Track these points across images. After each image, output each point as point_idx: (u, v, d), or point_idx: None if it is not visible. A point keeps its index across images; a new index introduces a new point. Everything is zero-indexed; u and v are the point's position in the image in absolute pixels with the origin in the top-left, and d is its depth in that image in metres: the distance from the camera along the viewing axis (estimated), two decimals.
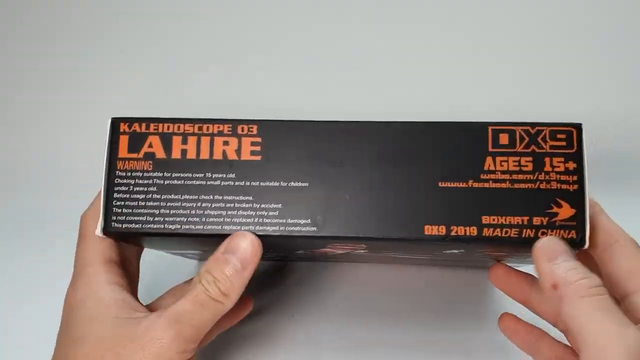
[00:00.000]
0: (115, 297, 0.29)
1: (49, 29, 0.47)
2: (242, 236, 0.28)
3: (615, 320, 0.25)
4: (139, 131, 0.29)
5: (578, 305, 0.25)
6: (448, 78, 0.44)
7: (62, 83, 0.47)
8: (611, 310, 0.25)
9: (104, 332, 0.28)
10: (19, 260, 0.43)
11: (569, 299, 0.26)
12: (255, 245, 0.28)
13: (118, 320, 0.28)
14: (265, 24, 0.45)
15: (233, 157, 0.29)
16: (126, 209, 0.29)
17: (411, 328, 0.38)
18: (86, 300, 0.29)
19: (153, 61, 0.46)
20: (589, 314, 0.25)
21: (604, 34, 0.44)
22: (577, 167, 0.28)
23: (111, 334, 0.28)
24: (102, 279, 0.30)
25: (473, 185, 0.28)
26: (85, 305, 0.29)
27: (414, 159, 0.29)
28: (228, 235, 0.28)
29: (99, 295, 0.29)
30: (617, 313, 0.25)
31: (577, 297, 0.25)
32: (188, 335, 0.28)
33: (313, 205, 0.29)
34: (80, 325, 0.29)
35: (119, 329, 0.28)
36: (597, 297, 0.25)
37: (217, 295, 0.28)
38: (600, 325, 0.25)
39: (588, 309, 0.25)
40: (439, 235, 0.28)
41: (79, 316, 0.29)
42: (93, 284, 0.30)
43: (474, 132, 0.29)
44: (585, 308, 0.25)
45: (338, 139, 0.29)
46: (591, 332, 0.25)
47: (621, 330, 0.24)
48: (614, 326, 0.24)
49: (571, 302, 0.25)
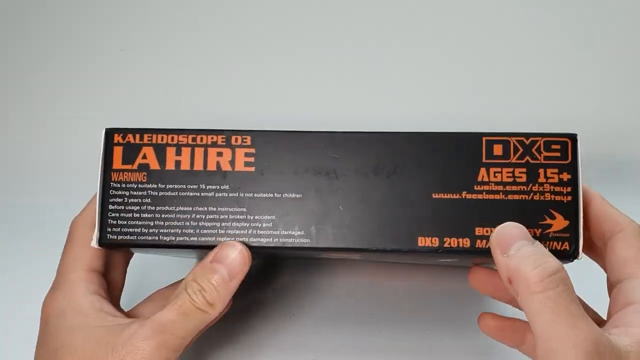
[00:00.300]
0: (95, 306, 0.29)
1: (50, 36, 0.47)
2: (232, 246, 0.28)
3: (566, 319, 0.23)
4: (133, 142, 0.29)
5: (530, 302, 0.24)
6: (442, 88, 0.44)
7: (61, 87, 0.47)
8: (563, 307, 0.23)
9: (84, 343, 0.28)
10: (19, 260, 0.44)
11: (521, 295, 0.24)
12: (245, 255, 0.28)
13: (98, 331, 0.28)
14: (260, 35, 0.45)
15: (227, 168, 0.29)
16: (121, 221, 0.29)
17: (411, 326, 0.39)
18: (66, 310, 0.29)
19: (149, 68, 0.46)
20: (540, 312, 0.23)
21: (598, 41, 0.44)
22: (571, 179, 0.28)
23: (91, 345, 0.28)
24: (82, 288, 0.30)
25: (467, 196, 0.28)
26: (65, 315, 0.29)
27: (408, 170, 0.29)
28: None
29: (79, 304, 0.29)
30: (570, 309, 0.23)
31: (528, 294, 0.24)
32: (171, 345, 0.28)
33: (307, 216, 0.29)
34: (60, 336, 0.28)
35: (99, 340, 0.28)
36: (548, 292, 0.23)
37: (202, 305, 0.28)
38: (550, 325, 0.23)
39: (539, 307, 0.23)
40: (432, 247, 0.28)
41: (58, 326, 0.29)
42: (73, 293, 0.29)
43: (467, 142, 0.29)
44: (536, 305, 0.23)
45: (332, 150, 0.29)
46: (543, 332, 0.23)
47: (572, 331, 0.23)
48: (563, 327, 0.23)
49: (523, 299, 0.24)
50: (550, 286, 0.24)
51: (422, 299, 0.40)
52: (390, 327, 0.39)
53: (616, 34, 0.44)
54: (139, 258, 0.35)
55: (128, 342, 0.27)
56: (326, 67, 0.45)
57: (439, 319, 0.39)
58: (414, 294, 0.40)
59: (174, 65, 0.46)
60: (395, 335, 0.38)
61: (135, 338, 0.27)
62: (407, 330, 0.39)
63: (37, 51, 0.47)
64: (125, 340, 0.27)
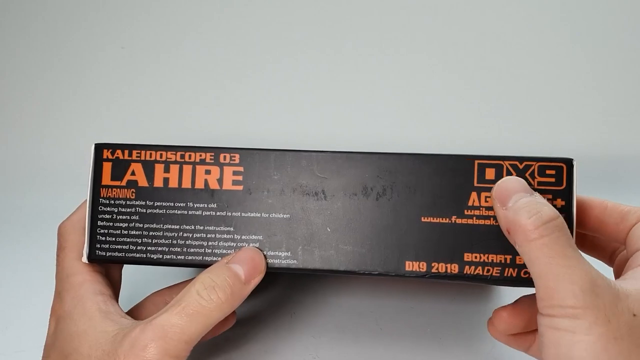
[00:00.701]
0: (101, 308, 0.29)
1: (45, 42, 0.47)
2: (252, 250, 0.28)
3: (561, 261, 0.23)
4: (122, 158, 0.29)
5: (527, 250, 0.24)
6: (434, 109, 0.43)
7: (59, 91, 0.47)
8: (560, 250, 0.24)
9: (90, 350, 0.28)
10: (19, 260, 0.44)
11: (519, 243, 0.25)
12: (263, 262, 0.28)
13: (103, 337, 0.28)
14: (250, 53, 0.45)
15: (215, 187, 0.29)
16: (110, 237, 0.29)
17: (410, 325, 0.38)
18: (73, 314, 0.29)
19: (138, 88, 0.46)
20: (537, 257, 0.24)
21: (592, 62, 0.43)
22: (566, 205, 0.27)
23: (97, 353, 0.28)
24: (88, 290, 0.30)
25: (456, 221, 0.28)
26: (73, 318, 0.29)
27: (397, 192, 0.28)
28: (209, 265, 0.29)
29: (86, 307, 0.29)
30: (565, 250, 0.24)
31: (525, 242, 0.24)
32: (173, 352, 0.27)
33: (294, 237, 0.28)
34: (69, 340, 0.29)
35: (104, 348, 0.28)
36: (544, 238, 0.24)
37: (211, 304, 0.27)
38: (546, 267, 0.23)
39: (536, 253, 0.24)
40: (419, 271, 0.28)
41: (67, 331, 0.29)
42: (80, 296, 0.30)
43: (459, 165, 0.28)
44: (534, 252, 0.24)
45: (321, 170, 0.29)
46: (540, 275, 0.24)
47: (567, 271, 0.23)
48: (559, 267, 0.23)
49: (521, 247, 0.25)
50: (546, 232, 0.24)
51: (423, 296, 0.39)
52: (389, 324, 0.38)
53: (611, 56, 0.43)
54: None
55: (130, 352, 0.27)
56: (316, 85, 0.44)
57: (440, 315, 0.38)
58: (414, 291, 0.40)
59: (162, 83, 0.46)
60: (395, 333, 0.38)
61: (137, 347, 0.27)
62: (407, 327, 0.38)
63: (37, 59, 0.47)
64: (127, 351, 0.27)
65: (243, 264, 0.28)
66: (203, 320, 0.27)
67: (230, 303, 0.28)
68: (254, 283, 0.28)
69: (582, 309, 0.22)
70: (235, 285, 0.28)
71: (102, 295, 0.30)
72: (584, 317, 0.22)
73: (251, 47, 0.45)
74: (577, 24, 0.43)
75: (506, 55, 0.43)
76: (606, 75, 0.43)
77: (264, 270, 0.28)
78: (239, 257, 0.28)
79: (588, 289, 0.23)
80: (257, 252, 0.28)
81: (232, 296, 0.28)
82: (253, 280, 0.28)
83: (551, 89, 0.43)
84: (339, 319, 0.39)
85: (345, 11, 0.44)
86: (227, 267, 0.28)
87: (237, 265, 0.28)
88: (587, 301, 0.22)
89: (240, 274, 0.28)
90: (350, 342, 0.37)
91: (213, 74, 0.45)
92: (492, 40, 0.43)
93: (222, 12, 0.44)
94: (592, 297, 0.22)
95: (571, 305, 0.23)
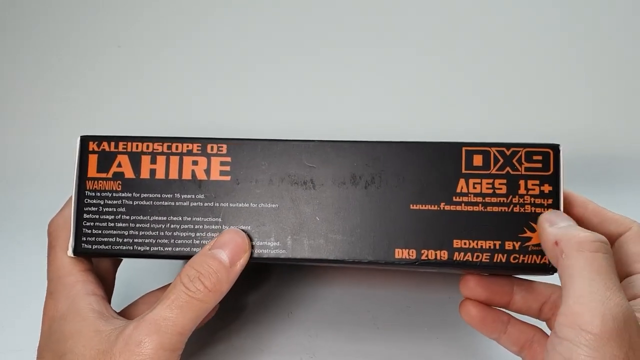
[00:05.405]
0: (94, 308, 0.29)
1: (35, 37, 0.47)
2: (233, 232, 0.28)
3: (604, 282, 0.23)
4: (108, 150, 0.29)
5: (574, 258, 0.24)
6: (421, 98, 0.43)
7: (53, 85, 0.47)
8: (605, 271, 0.24)
9: (84, 350, 0.28)
10: (15, 258, 0.44)
11: (568, 251, 0.25)
12: (246, 242, 0.28)
13: (96, 337, 0.28)
14: (240, 45, 0.45)
15: (202, 177, 0.29)
16: (96, 230, 0.29)
17: (407, 323, 0.38)
18: (67, 314, 0.29)
19: (129, 78, 0.46)
20: (582, 268, 0.24)
21: (580, 51, 0.43)
22: (553, 190, 0.27)
23: (91, 353, 0.28)
24: (81, 290, 0.29)
25: (445, 208, 0.28)
26: (66, 319, 0.29)
27: (385, 181, 0.28)
28: None
29: (79, 307, 0.29)
30: (610, 275, 0.24)
31: (575, 250, 0.24)
32: (168, 345, 0.27)
33: (283, 227, 0.28)
34: (63, 341, 0.29)
35: (99, 346, 0.28)
36: (595, 253, 0.24)
37: (198, 294, 0.27)
38: (588, 283, 0.23)
39: (582, 263, 0.24)
40: (409, 259, 0.28)
41: (60, 331, 0.29)
42: (73, 296, 0.29)
43: (447, 152, 0.28)
44: (580, 261, 0.24)
45: (309, 159, 0.28)
46: (577, 287, 0.23)
47: (607, 294, 0.23)
48: (601, 287, 0.23)
49: (569, 254, 0.24)
50: (601, 249, 0.24)
51: (421, 293, 0.39)
52: (389, 322, 0.38)
53: (600, 44, 0.43)
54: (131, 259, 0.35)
55: (125, 349, 0.27)
56: (304, 76, 0.44)
57: (439, 312, 0.38)
58: (412, 289, 0.40)
59: (154, 75, 0.46)
60: (395, 332, 0.38)
61: (132, 344, 0.27)
62: (407, 325, 0.38)
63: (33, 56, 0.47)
64: (122, 348, 0.27)
65: (225, 247, 0.28)
66: (194, 310, 0.27)
67: (218, 289, 0.27)
68: (240, 264, 0.28)
69: (605, 338, 0.22)
70: (220, 271, 0.28)
71: (94, 296, 0.30)
72: (605, 346, 0.22)
73: (238, 38, 0.45)
74: (567, 13, 0.43)
75: (495, 44, 0.44)
76: (595, 66, 0.43)
77: (249, 249, 0.28)
78: (221, 240, 0.28)
79: (620, 319, 0.23)
80: (237, 232, 0.28)
81: (218, 282, 0.27)
82: (239, 261, 0.28)
83: (540, 77, 0.43)
84: (336, 317, 0.38)
85: (330, 1, 0.44)
86: (210, 254, 0.28)
87: (219, 250, 0.28)
88: (613, 332, 0.22)
89: (224, 259, 0.28)
90: (347, 340, 0.37)
91: (201, 66, 0.45)
92: (480, 29, 0.44)
93: (211, 4, 0.44)
94: (618, 327, 0.22)
95: (593, 332, 0.22)
